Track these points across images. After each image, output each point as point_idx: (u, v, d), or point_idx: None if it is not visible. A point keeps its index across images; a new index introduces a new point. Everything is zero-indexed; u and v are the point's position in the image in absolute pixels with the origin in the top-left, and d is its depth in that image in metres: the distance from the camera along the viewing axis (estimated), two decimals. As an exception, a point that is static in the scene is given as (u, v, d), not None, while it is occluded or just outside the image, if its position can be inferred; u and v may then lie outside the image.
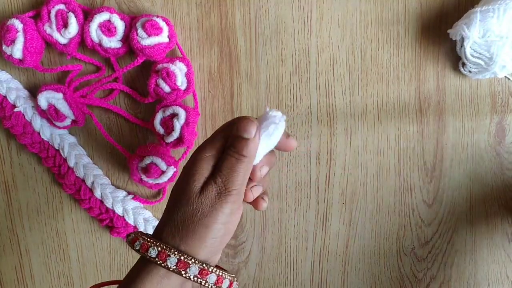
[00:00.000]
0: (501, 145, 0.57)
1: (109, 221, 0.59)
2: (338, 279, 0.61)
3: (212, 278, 0.38)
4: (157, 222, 0.60)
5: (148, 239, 0.38)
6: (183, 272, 0.37)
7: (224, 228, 0.39)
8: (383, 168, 0.58)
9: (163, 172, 0.56)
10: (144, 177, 0.56)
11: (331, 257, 0.60)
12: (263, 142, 0.40)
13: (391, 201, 0.59)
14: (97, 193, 0.59)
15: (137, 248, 0.38)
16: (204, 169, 0.39)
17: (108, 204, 0.59)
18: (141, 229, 0.59)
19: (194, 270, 0.37)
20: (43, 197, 0.61)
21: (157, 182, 0.56)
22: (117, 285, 0.40)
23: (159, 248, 0.37)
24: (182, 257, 0.37)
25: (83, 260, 0.62)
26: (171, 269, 0.37)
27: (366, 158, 0.58)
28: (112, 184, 0.60)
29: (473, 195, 0.58)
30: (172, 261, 0.37)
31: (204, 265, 0.38)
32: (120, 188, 0.60)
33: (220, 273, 0.39)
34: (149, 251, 0.37)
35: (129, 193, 0.60)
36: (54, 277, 0.63)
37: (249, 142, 0.39)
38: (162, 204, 0.60)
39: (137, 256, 0.60)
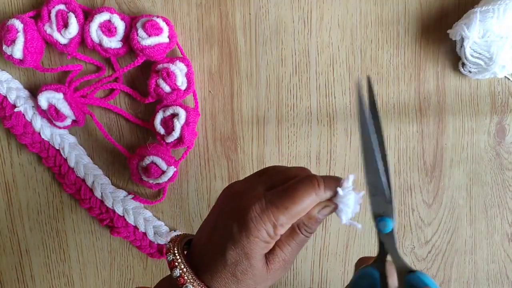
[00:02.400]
0: (501, 145, 0.57)
1: (109, 221, 0.59)
2: (338, 279, 0.61)
3: None
4: (157, 222, 0.60)
5: None
6: None
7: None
8: (383, 168, 0.58)
9: (163, 172, 0.56)
10: (144, 177, 0.56)
11: (331, 257, 0.61)
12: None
13: (391, 201, 0.59)
14: (97, 193, 0.59)
15: None
16: (269, 246, 0.38)
17: (108, 204, 0.59)
18: (141, 229, 0.59)
19: None
20: (43, 197, 0.61)
21: (157, 182, 0.56)
22: None
23: None
24: None
25: (83, 260, 0.62)
26: None
27: (366, 158, 0.58)
28: (112, 184, 0.60)
29: (473, 195, 0.59)
30: None
31: None
32: (120, 188, 0.60)
33: None
34: None
35: (129, 193, 0.60)
36: (54, 277, 0.63)
37: (320, 222, 0.39)
38: (162, 204, 0.60)
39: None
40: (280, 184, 0.38)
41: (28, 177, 0.61)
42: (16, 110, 0.57)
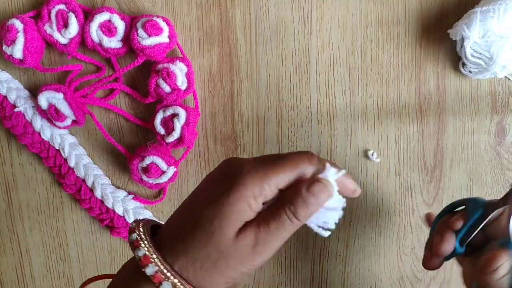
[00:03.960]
0: (501, 145, 0.57)
1: (109, 221, 0.59)
2: (338, 279, 0.61)
3: None
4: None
5: (163, 268, 0.33)
6: None
7: (241, 277, 0.35)
8: (383, 168, 0.58)
9: (163, 172, 0.56)
10: (144, 177, 0.56)
11: (331, 257, 0.61)
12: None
13: (391, 201, 0.59)
14: (98, 193, 0.59)
15: (148, 274, 0.33)
16: (247, 212, 0.33)
17: (109, 204, 0.59)
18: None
19: None
20: (44, 197, 0.61)
21: (158, 182, 0.56)
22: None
23: (174, 285, 0.33)
24: None
25: (83, 260, 0.62)
26: None
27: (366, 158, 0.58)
28: (113, 184, 0.60)
29: (473, 195, 0.58)
30: None
31: None
32: (120, 188, 0.60)
33: None
34: (162, 284, 0.33)
35: (129, 193, 0.60)
36: (54, 277, 0.63)
37: (313, 209, 0.34)
38: (162, 204, 0.60)
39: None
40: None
41: (28, 177, 0.61)
42: (16, 110, 0.57)
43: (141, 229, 0.35)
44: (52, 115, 0.56)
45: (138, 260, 0.33)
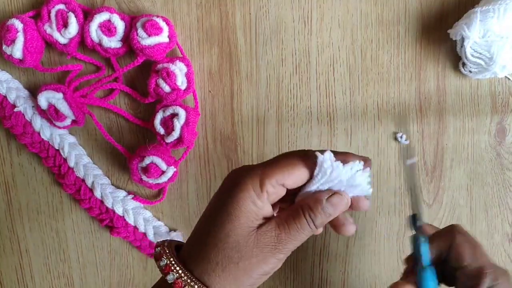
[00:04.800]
0: (501, 145, 0.57)
1: (109, 221, 0.59)
2: (338, 279, 0.61)
3: None
4: (157, 222, 0.60)
5: (183, 275, 0.35)
6: None
7: (264, 277, 0.37)
8: (383, 168, 0.58)
9: (163, 172, 0.56)
10: (144, 177, 0.56)
11: (331, 257, 0.60)
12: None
13: (391, 201, 0.59)
14: (97, 193, 0.59)
15: (169, 282, 0.35)
16: (254, 211, 0.36)
17: (108, 204, 0.59)
18: (141, 229, 0.59)
19: None
20: (43, 197, 0.61)
21: (157, 182, 0.56)
22: None
23: None
24: None
25: (83, 260, 0.62)
26: None
27: (366, 158, 0.58)
28: (112, 184, 0.60)
29: (474, 195, 0.58)
30: None
31: None
32: (120, 188, 0.60)
33: None
34: None
35: (129, 193, 0.60)
36: (54, 277, 0.63)
37: (330, 218, 0.37)
38: (162, 204, 0.60)
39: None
40: None
41: (28, 177, 0.61)
42: (16, 110, 0.57)
43: (166, 246, 0.37)
44: (51, 115, 0.56)
45: (160, 270, 0.36)
